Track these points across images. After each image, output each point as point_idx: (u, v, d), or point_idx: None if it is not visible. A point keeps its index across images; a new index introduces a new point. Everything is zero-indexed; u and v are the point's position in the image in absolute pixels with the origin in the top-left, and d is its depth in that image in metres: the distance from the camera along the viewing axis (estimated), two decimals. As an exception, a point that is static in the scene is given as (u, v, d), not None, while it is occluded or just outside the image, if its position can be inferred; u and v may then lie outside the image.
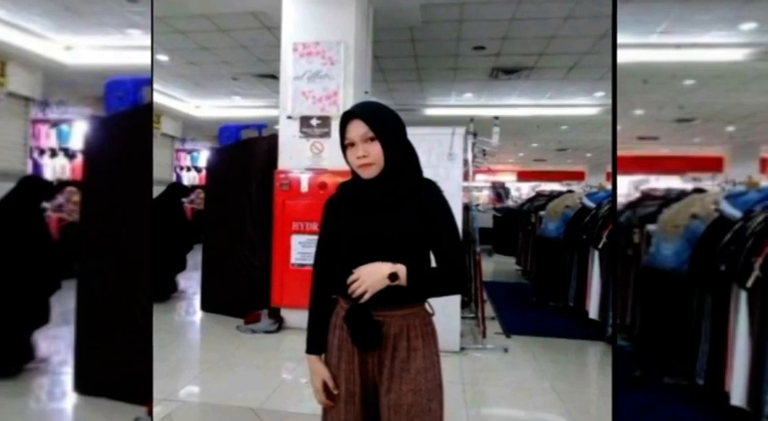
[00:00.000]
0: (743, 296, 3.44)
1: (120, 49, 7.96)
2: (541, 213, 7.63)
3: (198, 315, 6.71)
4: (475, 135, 5.86)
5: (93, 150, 4.27)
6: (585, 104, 12.34)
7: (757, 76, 8.48)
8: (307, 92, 6.00)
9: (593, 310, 5.71)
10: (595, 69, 9.56)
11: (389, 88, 11.19)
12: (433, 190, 1.80)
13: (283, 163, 6.08)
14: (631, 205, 5.20)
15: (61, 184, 8.02)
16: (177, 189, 8.14)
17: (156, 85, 10.99)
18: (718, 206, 3.91)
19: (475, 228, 5.92)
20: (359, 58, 6.15)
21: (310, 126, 6.00)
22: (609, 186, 6.98)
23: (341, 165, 1.94)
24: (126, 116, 4.18)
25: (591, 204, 6.29)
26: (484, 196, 16.73)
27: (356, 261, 1.73)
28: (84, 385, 4.10)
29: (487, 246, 11.32)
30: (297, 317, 5.84)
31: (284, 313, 5.97)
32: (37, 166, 9.67)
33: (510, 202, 14.35)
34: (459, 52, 8.74)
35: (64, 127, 10.18)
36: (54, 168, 10.03)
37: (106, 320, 3.96)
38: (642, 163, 18.62)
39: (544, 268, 7.20)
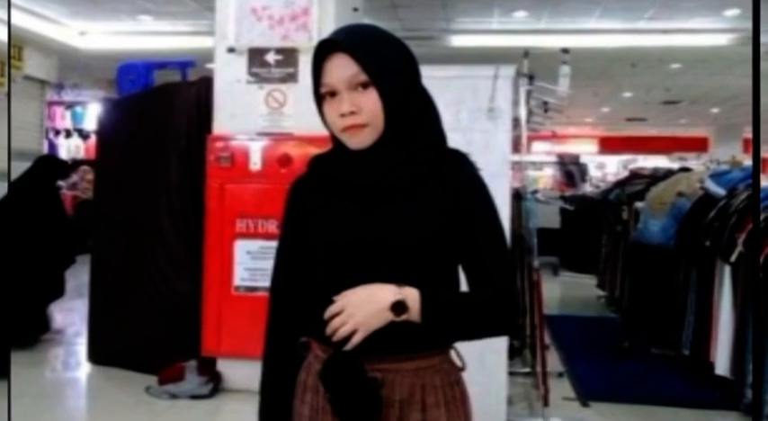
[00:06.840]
0: (727, 270, 3.70)
1: (132, 34, 8.29)
2: (638, 205, 5.37)
3: (84, 369, 4.53)
4: (531, 79, 4.03)
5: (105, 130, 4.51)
6: (710, 29, 8.01)
7: (740, 61, 8.69)
8: (260, 9, 4.10)
9: (721, 362, 3.84)
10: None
11: (393, 4, 7.44)
12: (463, 167, 1.26)
13: (222, 124, 4.11)
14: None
15: (75, 163, 8.35)
16: (50, 166, 5.40)
17: (16, -1, 6.67)
18: (704, 184, 4.11)
19: (531, 230, 4.07)
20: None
21: (266, 65, 4.10)
22: (748, 161, 5.19)
23: (315, 127, 1.38)
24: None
25: (719, 190, 4.23)
26: (546, 178, 13.88)
27: (340, 282, 1.18)
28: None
29: (552, 257, 8.26)
30: (243, 373, 3.85)
31: (222, 366, 4.05)
32: (52, 146, 10.22)
33: (588, 187, 11.43)
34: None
35: (78, 108, 10.94)
36: (69, 148, 10.77)
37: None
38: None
39: (643, 294, 5.06)
